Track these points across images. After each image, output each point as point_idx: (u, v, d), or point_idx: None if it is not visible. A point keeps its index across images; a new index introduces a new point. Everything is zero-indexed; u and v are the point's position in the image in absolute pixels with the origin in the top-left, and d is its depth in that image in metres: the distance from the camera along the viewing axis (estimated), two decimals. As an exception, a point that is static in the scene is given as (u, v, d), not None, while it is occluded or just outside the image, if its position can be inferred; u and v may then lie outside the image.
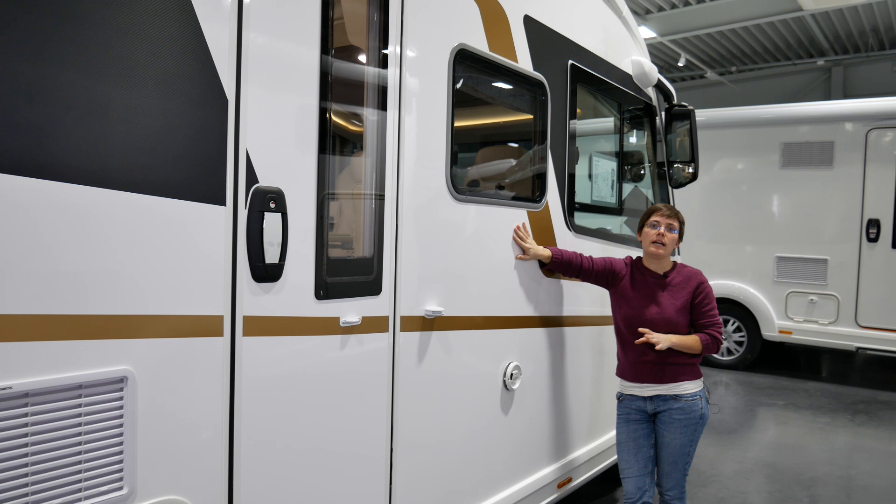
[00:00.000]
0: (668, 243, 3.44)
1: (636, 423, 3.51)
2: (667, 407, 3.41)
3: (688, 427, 3.40)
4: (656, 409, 3.45)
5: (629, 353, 3.51)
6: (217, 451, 2.12)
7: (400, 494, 2.81)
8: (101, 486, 1.86)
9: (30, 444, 1.71)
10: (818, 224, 8.50)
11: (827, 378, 9.30)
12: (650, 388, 3.44)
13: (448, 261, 3.01)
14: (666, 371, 3.41)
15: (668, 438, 3.42)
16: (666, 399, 3.41)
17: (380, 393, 2.69)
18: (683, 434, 3.40)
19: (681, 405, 3.39)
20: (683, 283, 3.46)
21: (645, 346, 3.40)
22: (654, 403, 3.45)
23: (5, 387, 1.64)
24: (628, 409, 3.55)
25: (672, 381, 3.40)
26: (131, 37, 1.84)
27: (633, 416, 3.52)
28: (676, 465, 3.45)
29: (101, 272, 1.80)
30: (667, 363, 3.40)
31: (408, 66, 2.72)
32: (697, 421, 3.42)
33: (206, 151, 2.03)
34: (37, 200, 1.67)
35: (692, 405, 3.40)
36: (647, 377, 3.44)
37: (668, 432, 3.42)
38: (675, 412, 3.39)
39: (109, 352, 1.85)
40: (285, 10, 2.24)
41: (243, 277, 2.15)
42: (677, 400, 3.39)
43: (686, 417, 3.39)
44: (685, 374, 3.42)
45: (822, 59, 16.39)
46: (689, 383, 3.42)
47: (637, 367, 3.47)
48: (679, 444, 3.41)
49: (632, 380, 3.51)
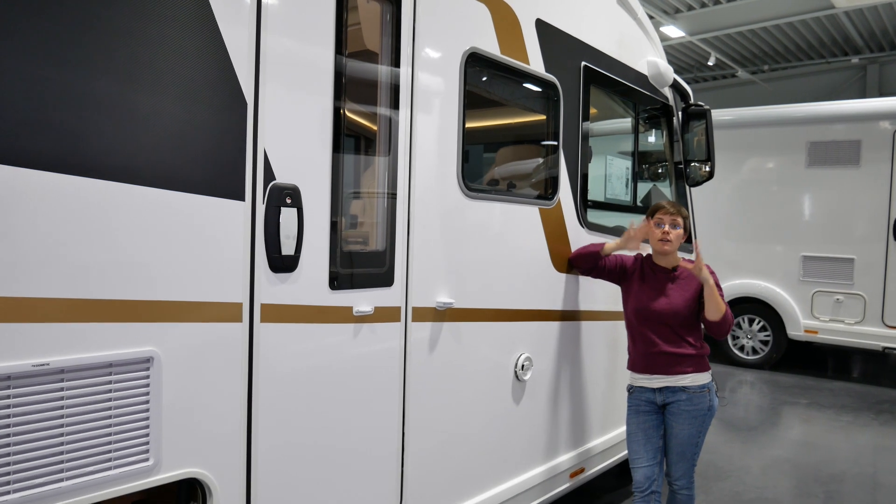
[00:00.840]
0: (675, 239, 3.54)
1: (646, 414, 3.60)
2: (675, 398, 3.50)
3: (696, 418, 3.49)
4: (665, 400, 3.53)
5: (639, 344, 3.61)
6: (236, 429, 2.28)
7: (412, 478, 2.95)
8: (129, 458, 2.03)
9: (65, 416, 1.89)
10: (845, 223, 8.47)
11: (853, 378, 9.25)
12: (659, 380, 3.53)
13: (459, 255, 3.15)
14: (675, 362, 3.49)
15: (677, 429, 3.51)
16: (675, 391, 3.50)
17: (392, 379, 2.84)
18: (692, 425, 3.49)
19: (689, 396, 3.47)
20: (691, 276, 3.53)
21: (654, 337, 3.51)
22: (664, 395, 3.53)
23: (43, 363, 1.82)
24: (638, 401, 3.63)
25: (681, 372, 3.49)
26: (158, 45, 2.01)
27: (643, 407, 3.61)
28: (685, 456, 3.54)
29: (130, 261, 1.98)
30: (676, 354, 3.49)
31: (420, 68, 2.87)
32: (705, 413, 3.50)
33: (226, 151, 2.20)
34: (74, 196, 1.84)
35: (700, 397, 3.48)
36: (656, 368, 3.53)
37: (677, 423, 3.50)
38: (684, 403, 3.47)
39: (137, 334, 2.02)
40: (301, 16, 2.40)
41: (261, 268, 2.31)
42: (686, 391, 3.48)
43: (694, 409, 3.47)
44: (694, 365, 3.50)
45: (856, 57, 16.18)
46: (698, 375, 3.50)
47: (647, 359, 3.56)
48: (687, 435, 3.50)
49: (641, 371, 3.60)
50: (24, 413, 1.81)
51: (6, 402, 1.77)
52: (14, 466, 1.80)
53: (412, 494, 2.97)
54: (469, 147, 3.18)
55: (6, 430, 1.78)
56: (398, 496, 2.91)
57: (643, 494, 3.57)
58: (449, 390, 3.14)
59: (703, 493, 5.03)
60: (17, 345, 1.78)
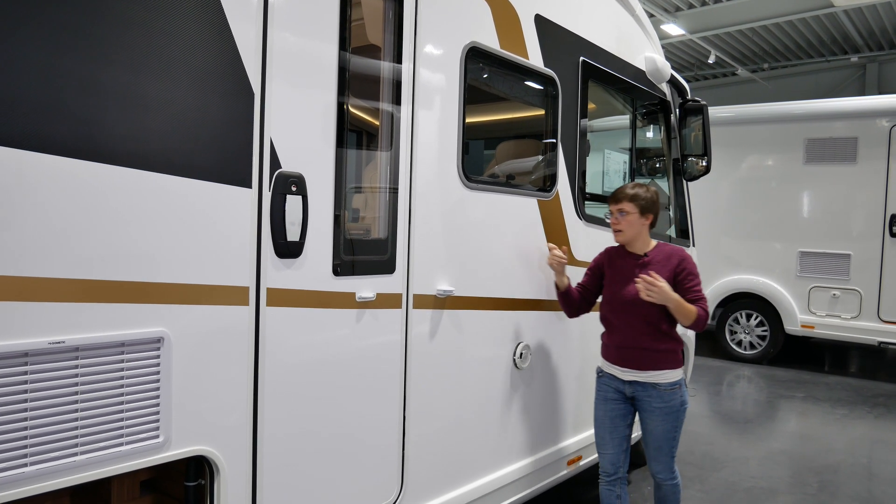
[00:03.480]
0: (626, 227, 3.47)
1: (613, 402, 3.56)
2: (646, 394, 3.44)
3: (670, 415, 3.43)
4: (634, 393, 3.48)
5: (614, 336, 3.56)
6: (243, 409, 2.36)
7: (412, 458, 3.03)
8: (140, 434, 2.11)
9: (79, 392, 1.96)
10: (841, 219, 8.57)
11: (849, 372, 9.34)
12: (631, 374, 3.47)
13: (459, 244, 3.22)
14: (648, 358, 3.43)
15: (653, 426, 3.47)
16: (645, 386, 3.44)
17: (393, 363, 2.92)
18: (667, 421, 3.44)
19: (660, 393, 3.41)
20: (664, 262, 3.45)
21: (628, 331, 3.45)
22: (633, 388, 3.48)
23: (59, 341, 1.90)
24: (607, 388, 3.59)
25: (653, 368, 3.42)
26: (171, 38, 2.09)
27: (611, 395, 3.57)
28: (662, 450, 3.50)
29: (141, 244, 2.05)
30: (650, 350, 3.41)
31: (421, 63, 2.94)
32: (679, 408, 3.44)
33: (234, 140, 2.27)
34: (90, 180, 1.92)
35: (672, 394, 3.42)
36: (629, 363, 3.47)
37: (652, 421, 3.46)
38: (655, 400, 3.42)
39: (148, 315, 2.09)
40: (307, 11, 2.47)
41: (267, 253, 2.39)
42: (656, 388, 3.41)
43: (666, 406, 3.41)
44: (666, 362, 3.43)
45: (855, 56, 16.25)
46: (670, 372, 3.43)
47: (620, 352, 3.50)
48: (663, 431, 3.45)
49: (614, 362, 3.55)
50: (41, 389, 1.89)
51: (24, 378, 1.85)
52: (31, 440, 1.87)
53: (413, 472, 3.05)
54: (469, 139, 3.25)
55: (24, 404, 1.85)
56: (399, 467, 2.99)
57: (609, 479, 3.61)
58: (449, 376, 3.22)
59: (699, 483, 5.12)
60: (34, 323, 1.85)
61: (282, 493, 2.51)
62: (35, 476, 1.88)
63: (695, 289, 3.40)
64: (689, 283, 3.41)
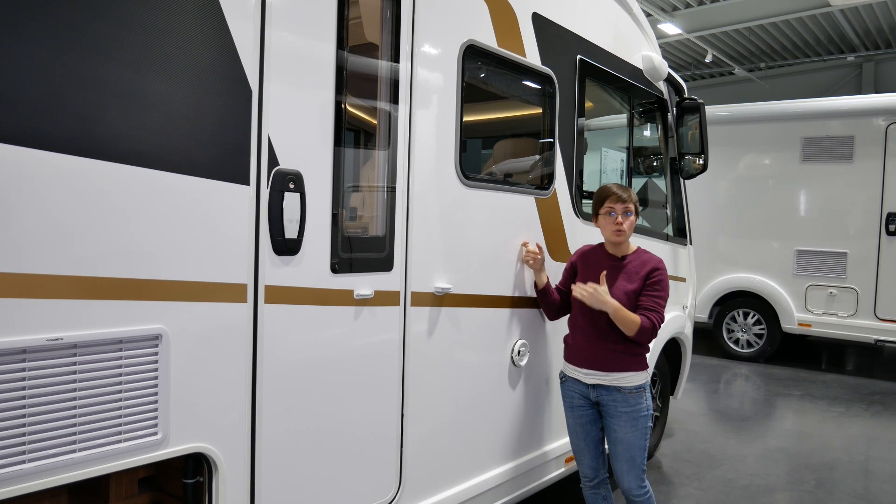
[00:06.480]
0: (628, 228, 3.39)
1: (580, 409, 3.49)
2: (611, 398, 3.35)
3: (637, 420, 3.34)
4: (599, 397, 3.39)
5: (578, 337, 3.48)
6: (241, 406, 2.36)
7: (410, 455, 3.03)
8: (139, 431, 2.11)
9: (77, 389, 1.97)
10: (838, 218, 8.59)
11: (846, 370, 9.36)
12: (595, 376, 3.38)
13: (457, 242, 3.22)
14: (612, 359, 3.34)
15: (621, 434, 3.35)
16: (609, 390, 3.35)
17: (391, 360, 2.92)
18: (635, 427, 3.34)
19: (624, 397, 3.32)
20: (639, 268, 3.38)
21: (593, 332, 3.36)
22: (597, 392, 3.39)
23: (57, 338, 1.90)
24: (572, 394, 3.51)
25: (617, 370, 3.33)
26: (169, 36, 2.09)
27: (577, 401, 3.49)
28: (634, 462, 3.38)
29: (139, 241, 2.05)
30: (615, 351, 3.33)
31: (419, 61, 2.95)
32: (646, 413, 3.36)
33: (232, 137, 2.27)
34: (88, 177, 1.92)
35: (636, 398, 3.34)
36: (593, 364, 3.38)
37: (619, 427, 3.35)
38: (620, 405, 3.33)
39: (146, 312, 2.09)
40: (304, 9, 2.48)
41: (265, 250, 2.39)
42: (620, 392, 3.33)
43: (633, 410, 3.33)
44: (631, 364, 3.35)
45: (852, 55, 16.28)
46: (634, 375, 3.34)
47: (584, 353, 3.42)
48: (633, 438, 3.35)
49: (578, 364, 3.45)
50: (39, 386, 1.89)
51: (22, 375, 1.85)
52: (29, 437, 1.88)
53: (412, 461, 3.05)
54: (467, 137, 3.26)
55: (22, 401, 1.86)
56: (397, 464, 2.99)
57: (592, 484, 3.60)
58: (447, 374, 3.22)
59: (697, 481, 5.13)
60: (32, 320, 1.85)
61: (280, 490, 2.51)
62: (33, 473, 1.88)
63: (654, 297, 3.31)
64: (651, 290, 3.32)
